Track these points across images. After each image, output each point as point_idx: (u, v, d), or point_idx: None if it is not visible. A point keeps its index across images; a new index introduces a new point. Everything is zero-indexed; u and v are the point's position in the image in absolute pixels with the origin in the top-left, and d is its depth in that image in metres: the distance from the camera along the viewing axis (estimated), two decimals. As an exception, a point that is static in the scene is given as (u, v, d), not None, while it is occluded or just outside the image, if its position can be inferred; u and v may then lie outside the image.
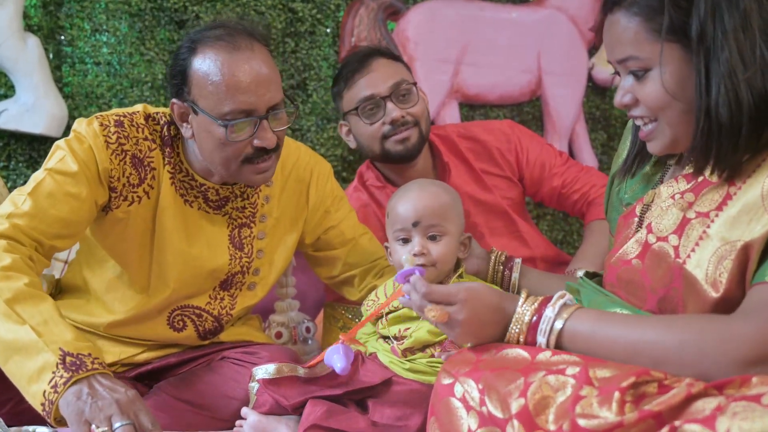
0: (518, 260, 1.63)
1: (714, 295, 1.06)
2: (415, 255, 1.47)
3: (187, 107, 1.50)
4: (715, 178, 1.13)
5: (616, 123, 2.97)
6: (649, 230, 1.19)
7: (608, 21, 1.17)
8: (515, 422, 0.99)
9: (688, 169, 1.19)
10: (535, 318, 1.14)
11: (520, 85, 2.83)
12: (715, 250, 1.07)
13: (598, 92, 2.94)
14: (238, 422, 1.50)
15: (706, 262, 1.08)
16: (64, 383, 1.25)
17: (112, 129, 1.52)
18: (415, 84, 2.02)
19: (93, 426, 1.22)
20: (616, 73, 1.21)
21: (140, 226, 1.58)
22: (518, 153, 2.14)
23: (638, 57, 1.14)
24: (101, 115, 1.55)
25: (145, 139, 1.56)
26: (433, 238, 1.50)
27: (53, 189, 1.47)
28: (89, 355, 1.30)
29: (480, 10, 2.78)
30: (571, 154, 2.88)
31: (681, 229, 1.14)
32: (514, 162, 2.14)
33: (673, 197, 1.18)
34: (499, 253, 1.65)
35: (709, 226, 1.09)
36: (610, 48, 1.18)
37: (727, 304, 1.06)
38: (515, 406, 1.00)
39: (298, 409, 1.44)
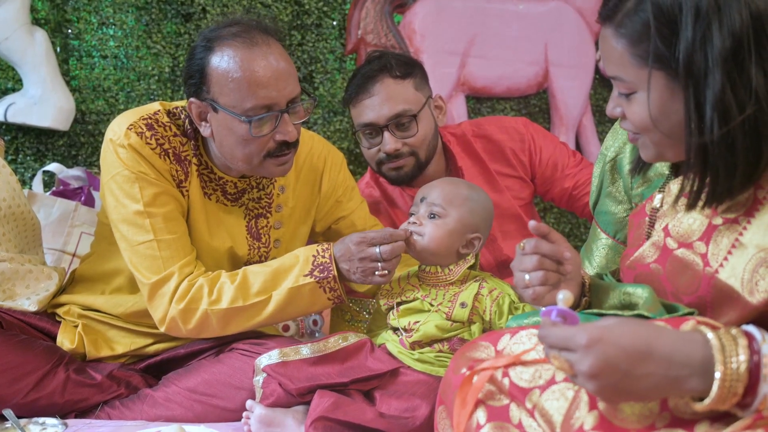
0: None
1: (753, 301, 1.03)
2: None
3: (206, 106, 1.52)
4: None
5: (624, 115, 2.95)
6: (667, 233, 1.15)
7: (602, 33, 1.13)
8: (537, 390, 0.98)
9: None
10: (755, 359, 0.87)
11: (527, 77, 2.81)
12: (750, 257, 1.04)
13: (605, 84, 2.92)
14: (244, 414, 1.50)
15: (741, 271, 1.04)
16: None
17: (148, 133, 1.54)
18: (421, 109, 1.96)
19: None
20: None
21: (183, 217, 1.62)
22: (531, 153, 2.14)
23: (624, 79, 1.11)
24: (132, 125, 1.55)
25: (175, 135, 1.59)
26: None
27: (164, 219, 1.53)
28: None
29: (487, 2, 2.76)
30: (578, 146, 2.87)
31: (707, 236, 1.10)
32: (527, 162, 2.14)
33: (686, 196, 1.14)
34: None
35: (741, 234, 1.06)
36: (603, 60, 1.16)
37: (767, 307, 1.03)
38: (543, 378, 0.99)
39: (304, 396, 1.45)
